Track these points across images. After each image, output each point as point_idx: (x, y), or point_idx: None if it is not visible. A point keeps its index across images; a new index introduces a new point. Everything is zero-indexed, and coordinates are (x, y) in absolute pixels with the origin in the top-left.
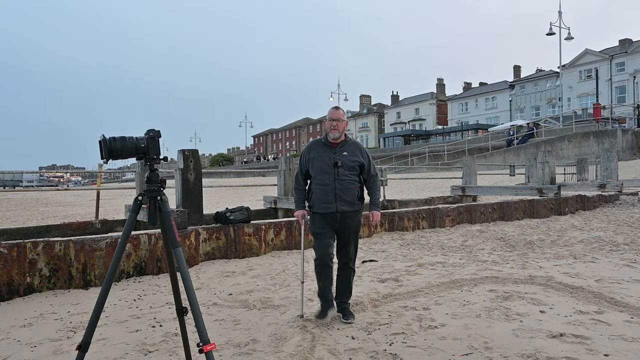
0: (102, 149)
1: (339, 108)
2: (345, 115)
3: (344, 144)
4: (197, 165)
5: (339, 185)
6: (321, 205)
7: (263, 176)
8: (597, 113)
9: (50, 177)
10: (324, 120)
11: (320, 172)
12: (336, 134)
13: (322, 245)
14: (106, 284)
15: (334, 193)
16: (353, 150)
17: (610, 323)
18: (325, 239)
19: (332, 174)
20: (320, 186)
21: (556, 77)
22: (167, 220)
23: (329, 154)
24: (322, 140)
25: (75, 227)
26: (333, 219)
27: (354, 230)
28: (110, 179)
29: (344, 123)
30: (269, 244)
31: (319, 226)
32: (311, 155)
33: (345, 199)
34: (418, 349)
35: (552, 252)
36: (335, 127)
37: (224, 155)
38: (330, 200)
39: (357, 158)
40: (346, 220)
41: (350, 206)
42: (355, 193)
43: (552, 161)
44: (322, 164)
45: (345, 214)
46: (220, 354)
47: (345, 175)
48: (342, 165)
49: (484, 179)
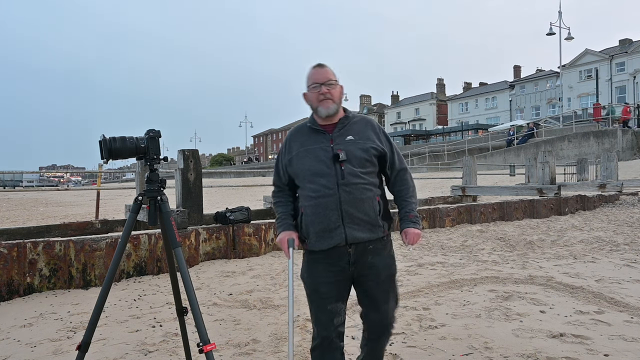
0: (102, 149)
1: (324, 65)
2: (332, 71)
3: (345, 122)
4: (197, 165)
5: (345, 195)
6: (318, 234)
7: (263, 176)
8: (597, 113)
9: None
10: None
11: (311, 176)
12: (330, 106)
13: (324, 316)
14: (106, 284)
15: (338, 209)
16: (362, 130)
17: (610, 323)
18: (328, 303)
19: (333, 176)
20: (313, 200)
21: (556, 77)
22: (167, 220)
23: (322, 144)
24: (308, 125)
25: (75, 227)
26: (342, 258)
27: (385, 276)
28: (110, 179)
29: (338, 88)
30: (269, 244)
31: (317, 276)
32: (293, 151)
33: (358, 217)
34: (418, 349)
35: (552, 252)
36: (326, 95)
37: (224, 155)
38: (334, 224)
39: (370, 143)
40: (366, 258)
41: (370, 230)
42: (374, 205)
43: (552, 161)
44: (314, 161)
45: (364, 245)
46: (220, 354)
47: (355, 175)
48: (348, 158)
49: (484, 179)
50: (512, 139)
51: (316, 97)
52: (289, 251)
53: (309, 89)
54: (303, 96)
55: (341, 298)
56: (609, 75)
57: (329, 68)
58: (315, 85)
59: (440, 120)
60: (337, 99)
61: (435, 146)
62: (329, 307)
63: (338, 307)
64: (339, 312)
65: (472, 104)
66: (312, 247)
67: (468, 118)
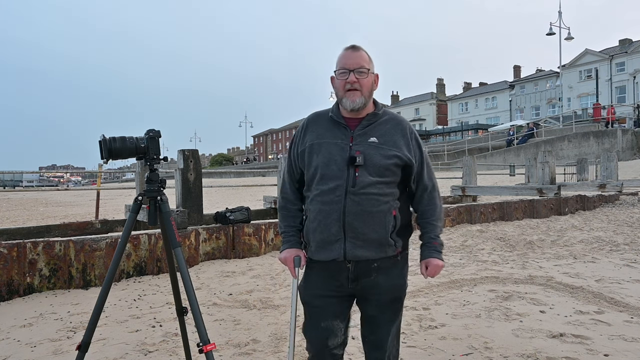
0: (102, 149)
1: (359, 48)
2: (368, 57)
3: (371, 120)
4: (197, 165)
5: (352, 205)
6: (318, 244)
7: (263, 176)
8: (597, 113)
9: (50, 177)
10: (332, 76)
11: (320, 177)
12: (357, 100)
13: (316, 334)
14: (106, 284)
15: (340, 220)
16: (390, 133)
17: (610, 323)
18: (322, 319)
19: (343, 180)
20: (318, 205)
21: (556, 77)
22: (167, 220)
23: (341, 140)
24: (330, 114)
25: (75, 227)
26: (342, 273)
27: (389, 299)
28: (110, 179)
29: (370, 77)
30: (269, 244)
31: (313, 288)
32: (307, 142)
33: (364, 232)
34: (418, 349)
35: (552, 252)
36: (354, 85)
37: (224, 155)
38: (334, 236)
39: (395, 150)
40: (369, 276)
41: (378, 249)
42: (388, 220)
43: (552, 161)
44: (326, 159)
45: (367, 265)
46: (220, 354)
47: (369, 184)
48: (365, 162)
49: (484, 179)
50: (512, 139)
51: (343, 85)
52: (294, 271)
53: (337, 74)
54: (330, 80)
55: (339, 316)
56: (609, 75)
57: (364, 52)
58: (344, 71)
59: (440, 120)
60: (366, 91)
61: (435, 146)
62: (322, 324)
63: (334, 325)
64: (334, 331)
65: (472, 104)
66: (311, 256)
67: (468, 118)
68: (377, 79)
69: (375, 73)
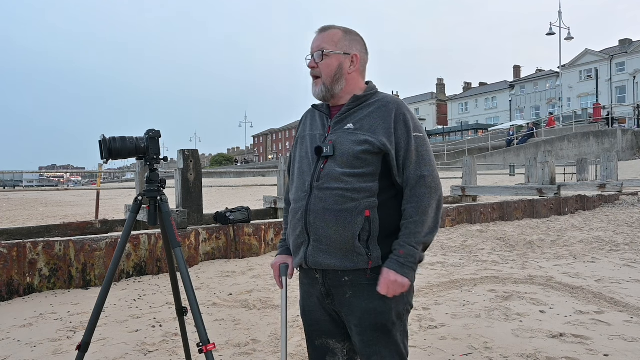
0: (102, 149)
1: (326, 28)
2: (338, 36)
3: (352, 105)
4: (197, 165)
5: (316, 202)
6: (292, 248)
7: (263, 176)
8: (597, 113)
9: (50, 177)
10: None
11: (296, 173)
12: (317, 87)
13: (312, 350)
14: (106, 284)
15: (303, 219)
16: (371, 117)
17: (610, 323)
18: (315, 337)
19: (309, 175)
20: (292, 204)
21: (556, 77)
22: (167, 220)
23: (319, 132)
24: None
25: (75, 227)
26: (315, 287)
27: (370, 325)
28: (110, 179)
29: (334, 59)
30: (269, 244)
31: (303, 302)
32: (297, 134)
33: (327, 235)
34: (418, 349)
35: (552, 252)
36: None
37: (224, 155)
38: (299, 237)
39: (369, 135)
40: (343, 294)
41: (344, 257)
42: (356, 222)
43: (552, 161)
44: (302, 153)
45: (336, 278)
46: (220, 354)
47: (335, 178)
48: (335, 152)
49: (484, 179)
50: (512, 139)
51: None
52: (280, 280)
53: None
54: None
55: (334, 335)
56: (608, 75)
57: (335, 30)
58: (308, 57)
59: (440, 120)
60: (327, 77)
61: (435, 146)
62: (316, 342)
63: (329, 345)
64: (332, 350)
65: (472, 104)
66: (295, 263)
67: (468, 118)
68: (357, 59)
69: (352, 53)
